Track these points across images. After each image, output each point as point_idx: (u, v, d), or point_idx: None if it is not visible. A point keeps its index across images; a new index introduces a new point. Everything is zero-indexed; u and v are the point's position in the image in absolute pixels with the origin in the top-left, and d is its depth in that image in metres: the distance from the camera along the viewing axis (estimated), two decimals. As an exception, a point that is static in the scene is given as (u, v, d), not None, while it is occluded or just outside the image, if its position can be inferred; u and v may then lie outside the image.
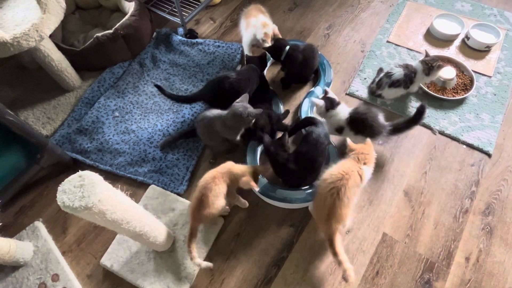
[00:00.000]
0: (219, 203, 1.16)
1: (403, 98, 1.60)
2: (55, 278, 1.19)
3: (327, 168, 1.14)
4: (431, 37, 1.84)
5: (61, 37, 1.83)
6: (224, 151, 1.46)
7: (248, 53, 1.72)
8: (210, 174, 1.15)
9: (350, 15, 2.01)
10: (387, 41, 1.84)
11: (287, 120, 1.57)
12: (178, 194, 1.38)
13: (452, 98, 1.57)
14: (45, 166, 1.37)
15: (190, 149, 1.50)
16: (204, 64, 1.80)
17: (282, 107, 1.58)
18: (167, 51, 1.89)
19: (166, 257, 1.22)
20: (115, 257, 1.23)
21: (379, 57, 1.78)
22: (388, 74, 1.51)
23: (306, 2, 2.10)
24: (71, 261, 1.27)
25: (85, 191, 0.76)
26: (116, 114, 1.62)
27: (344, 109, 1.34)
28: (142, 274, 1.19)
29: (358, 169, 1.12)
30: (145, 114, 1.64)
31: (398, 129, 1.33)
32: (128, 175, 1.45)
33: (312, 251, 1.24)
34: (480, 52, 1.75)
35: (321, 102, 1.34)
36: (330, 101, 1.34)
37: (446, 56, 1.71)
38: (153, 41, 1.91)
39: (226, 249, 1.26)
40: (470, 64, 1.69)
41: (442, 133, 1.50)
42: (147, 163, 1.47)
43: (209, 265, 1.14)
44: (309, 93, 1.60)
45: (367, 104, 1.61)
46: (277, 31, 1.66)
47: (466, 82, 1.62)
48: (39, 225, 1.31)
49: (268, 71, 1.78)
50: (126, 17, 1.73)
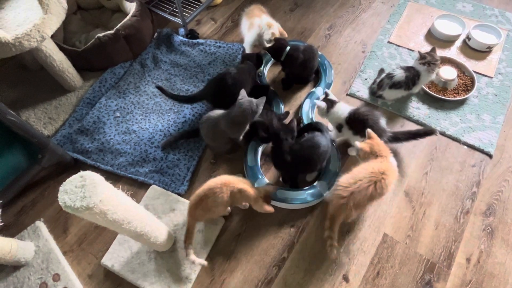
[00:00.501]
0: (218, 211, 1.18)
1: (404, 99, 1.60)
2: (56, 278, 1.20)
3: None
4: (432, 38, 1.84)
5: (63, 38, 1.84)
6: (226, 152, 1.47)
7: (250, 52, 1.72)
8: (222, 180, 1.13)
9: (351, 16, 2.01)
10: (388, 42, 1.84)
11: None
12: (179, 195, 1.38)
13: (453, 99, 1.57)
14: (46, 166, 1.38)
15: (191, 150, 1.50)
16: (205, 65, 1.80)
17: (283, 108, 1.58)
18: (168, 52, 1.89)
19: (167, 257, 1.22)
20: (116, 257, 1.23)
21: (380, 58, 1.78)
22: (390, 75, 1.50)
23: (307, 3, 2.10)
24: (72, 261, 1.27)
25: (87, 191, 0.76)
26: (117, 114, 1.63)
27: (344, 107, 1.35)
28: (143, 274, 1.19)
29: (386, 164, 1.13)
30: (146, 115, 1.64)
31: (398, 139, 1.35)
32: (129, 175, 1.45)
33: (313, 252, 1.24)
34: (481, 53, 1.75)
35: (323, 104, 1.36)
36: (331, 102, 1.37)
37: (447, 57, 1.71)
38: (154, 42, 1.91)
39: (227, 250, 1.26)
40: (471, 65, 1.69)
41: (443, 134, 1.50)
42: (148, 163, 1.47)
43: (203, 263, 1.16)
44: (310, 94, 1.60)
45: (368, 105, 1.61)
46: (282, 29, 1.67)
47: (467, 83, 1.62)
48: (40, 225, 1.31)
49: (269, 72, 1.78)
50: (128, 18, 1.74)
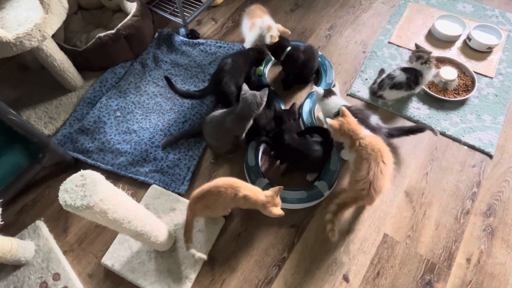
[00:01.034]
0: (217, 210, 1.19)
1: (405, 99, 1.60)
2: (56, 277, 1.20)
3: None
4: (433, 38, 1.84)
5: (64, 37, 1.84)
6: (227, 152, 1.47)
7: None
8: (230, 182, 1.11)
9: (352, 16, 2.01)
10: (389, 42, 1.84)
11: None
12: (179, 194, 1.38)
13: (454, 99, 1.57)
14: (47, 166, 1.38)
15: (192, 149, 1.50)
16: (206, 65, 1.80)
17: (283, 108, 1.58)
18: (169, 52, 1.89)
19: (167, 257, 1.22)
20: (116, 257, 1.23)
21: (381, 58, 1.78)
22: (391, 76, 1.50)
23: (308, 3, 2.10)
24: (72, 261, 1.27)
25: (87, 190, 0.76)
26: (118, 114, 1.63)
27: (337, 101, 1.38)
28: (143, 274, 1.19)
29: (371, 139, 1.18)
30: (147, 114, 1.64)
31: (392, 135, 1.36)
32: (130, 175, 1.45)
33: (313, 252, 1.24)
34: (482, 53, 1.75)
35: (321, 90, 1.41)
36: (328, 91, 1.41)
37: (448, 57, 1.71)
38: (155, 42, 1.91)
39: (227, 249, 1.26)
40: (472, 65, 1.69)
41: (444, 134, 1.50)
42: (149, 163, 1.47)
43: (203, 257, 1.16)
44: (310, 94, 1.60)
45: (369, 105, 1.61)
46: (283, 28, 1.67)
47: (468, 83, 1.62)
48: (41, 224, 1.31)
49: (269, 72, 1.78)
50: (128, 18, 1.74)
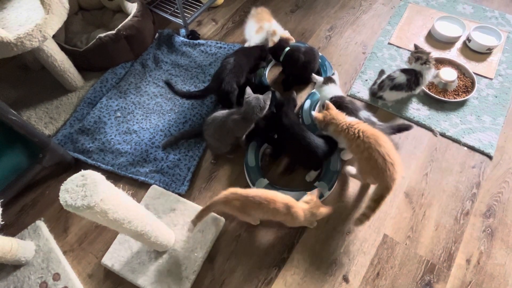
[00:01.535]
0: (249, 217, 1.20)
1: (405, 100, 1.61)
2: (56, 278, 1.20)
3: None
4: (433, 39, 1.85)
5: (64, 38, 1.84)
6: (227, 153, 1.47)
7: None
8: (285, 199, 1.11)
9: (352, 17, 2.01)
10: (389, 43, 1.85)
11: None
12: (179, 195, 1.39)
13: (453, 100, 1.58)
14: (47, 166, 1.38)
15: (192, 150, 1.50)
16: (206, 65, 1.80)
17: None
18: (169, 52, 1.89)
19: (167, 257, 1.23)
20: (116, 257, 1.23)
21: (381, 59, 1.78)
22: (391, 77, 1.51)
23: (308, 4, 2.11)
24: (72, 261, 1.27)
25: (88, 190, 0.76)
26: (118, 115, 1.63)
27: (333, 90, 1.42)
28: (143, 274, 1.19)
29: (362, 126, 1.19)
30: (147, 115, 1.64)
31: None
32: (130, 175, 1.45)
33: (313, 252, 1.24)
34: (482, 55, 1.75)
35: (320, 79, 1.47)
36: (328, 79, 1.45)
37: (448, 58, 1.71)
38: (155, 42, 1.92)
39: (227, 250, 1.27)
40: (471, 66, 1.69)
41: (443, 135, 1.51)
42: (149, 163, 1.48)
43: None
44: (311, 95, 1.61)
45: (369, 106, 1.62)
46: (288, 35, 1.69)
47: (467, 84, 1.62)
48: (41, 225, 1.31)
49: (269, 73, 1.78)
50: (129, 18, 1.74)
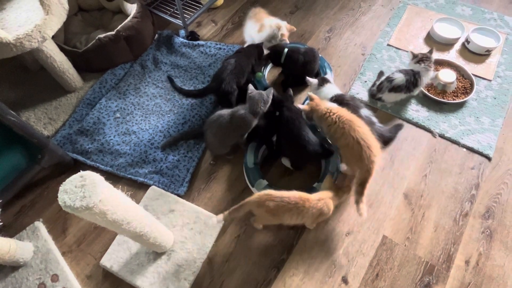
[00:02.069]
0: (267, 218, 1.19)
1: (404, 101, 1.61)
2: (55, 279, 1.19)
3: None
4: (432, 41, 1.85)
5: (64, 39, 1.84)
6: (227, 154, 1.46)
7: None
8: (305, 196, 1.12)
9: (351, 19, 2.01)
10: (388, 45, 1.85)
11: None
12: (178, 195, 1.38)
13: (452, 102, 1.58)
14: (46, 167, 1.38)
15: (191, 151, 1.50)
16: (206, 66, 1.80)
17: None
18: (169, 53, 1.89)
19: (166, 258, 1.22)
20: (115, 258, 1.23)
21: (380, 60, 1.79)
22: (389, 79, 1.51)
23: (307, 5, 2.11)
24: (71, 262, 1.27)
25: (86, 191, 0.76)
26: (117, 115, 1.63)
27: (332, 89, 1.46)
28: (142, 275, 1.19)
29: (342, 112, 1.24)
30: (146, 115, 1.64)
31: (383, 136, 1.37)
32: (129, 176, 1.45)
33: (312, 254, 1.24)
34: (480, 56, 1.76)
35: (315, 81, 1.49)
36: (322, 80, 1.49)
37: (447, 60, 1.71)
38: (155, 43, 1.92)
39: (226, 251, 1.26)
40: (470, 68, 1.70)
41: (442, 136, 1.51)
42: (148, 164, 1.47)
43: (219, 219, 1.14)
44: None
45: (368, 107, 1.62)
46: (289, 26, 1.69)
47: (466, 86, 1.63)
48: (39, 225, 1.31)
49: (269, 74, 1.78)
50: (128, 19, 1.74)
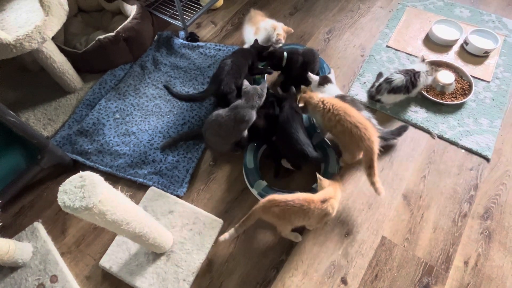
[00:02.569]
0: (287, 225, 1.19)
1: (403, 103, 1.61)
2: (54, 279, 1.19)
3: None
4: (430, 42, 1.86)
5: (63, 39, 1.85)
6: (233, 150, 1.46)
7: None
8: (310, 198, 1.10)
9: (350, 20, 2.02)
10: (387, 46, 1.86)
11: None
12: (178, 196, 1.38)
13: (451, 103, 1.59)
14: (46, 167, 1.38)
15: (190, 152, 1.51)
16: (205, 67, 1.81)
17: None
18: (168, 54, 1.90)
19: (165, 259, 1.22)
20: (114, 259, 1.23)
21: (379, 62, 1.79)
22: (388, 80, 1.51)
23: (307, 7, 2.12)
24: (70, 263, 1.27)
25: (86, 192, 0.76)
26: (117, 116, 1.63)
27: (333, 90, 1.47)
28: (141, 276, 1.19)
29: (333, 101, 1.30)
30: (146, 116, 1.64)
31: (383, 138, 1.38)
32: (128, 177, 1.45)
33: (311, 254, 1.24)
34: (479, 58, 1.77)
35: (316, 78, 1.51)
36: (323, 78, 1.49)
37: (445, 61, 1.72)
38: (155, 44, 1.92)
39: (225, 252, 1.26)
40: (469, 69, 1.70)
41: (441, 137, 1.51)
42: (147, 165, 1.48)
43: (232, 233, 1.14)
44: (309, 97, 1.62)
45: (367, 108, 1.62)
46: (286, 27, 1.70)
47: (465, 87, 1.63)
48: (39, 226, 1.31)
49: (269, 76, 1.78)
50: (128, 20, 1.75)
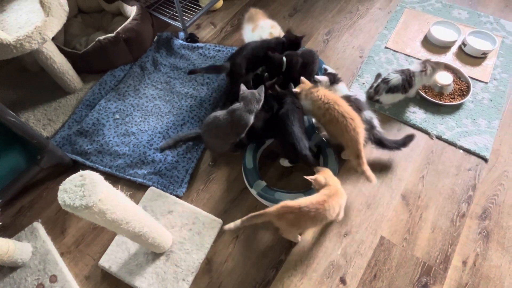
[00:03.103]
0: (295, 231, 1.21)
1: (401, 103, 1.62)
2: (53, 279, 1.19)
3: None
4: (429, 44, 1.87)
5: (64, 40, 1.85)
6: (232, 150, 1.46)
7: None
8: (321, 200, 1.10)
9: (349, 21, 2.03)
10: (385, 47, 1.87)
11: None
12: (177, 196, 1.39)
13: (449, 104, 1.59)
14: (45, 167, 1.38)
15: (190, 152, 1.51)
16: (205, 68, 1.81)
17: None
18: (168, 55, 1.90)
19: (165, 259, 1.23)
20: (114, 259, 1.23)
21: (377, 63, 1.80)
22: (385, 80, 1.52)
23: (306, 8, 2.13)
24: (70, 262, 1.27)
25: (86, 190, 0.77)
26: (117, 117, 1.64)
27: (343, 90, 1.49)
28: (140, 276, 1.19)
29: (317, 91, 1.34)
30: (145, 117, 1.65)
31: (382, 143, 1.38)
32: (128, 177, 1.45)
33: (310, 254, 1.25)
34: (477, 59, 1.78)
35: (325, 78, 1.47)
36: (333, 76, 1.48)
37: (443, 62, 1.73)
38: (154, 45, 1.93)
39: (224, 252, 1.27)
40: (467, 71, 1.71)
41: (440, 138, 1.52)
42: (147, 165, 1.48)
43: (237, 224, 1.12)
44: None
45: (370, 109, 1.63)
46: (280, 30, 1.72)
47: (463, 88, 1.64)
48: (38, 226, 1.31)
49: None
50: (128, 21, 1.75)
